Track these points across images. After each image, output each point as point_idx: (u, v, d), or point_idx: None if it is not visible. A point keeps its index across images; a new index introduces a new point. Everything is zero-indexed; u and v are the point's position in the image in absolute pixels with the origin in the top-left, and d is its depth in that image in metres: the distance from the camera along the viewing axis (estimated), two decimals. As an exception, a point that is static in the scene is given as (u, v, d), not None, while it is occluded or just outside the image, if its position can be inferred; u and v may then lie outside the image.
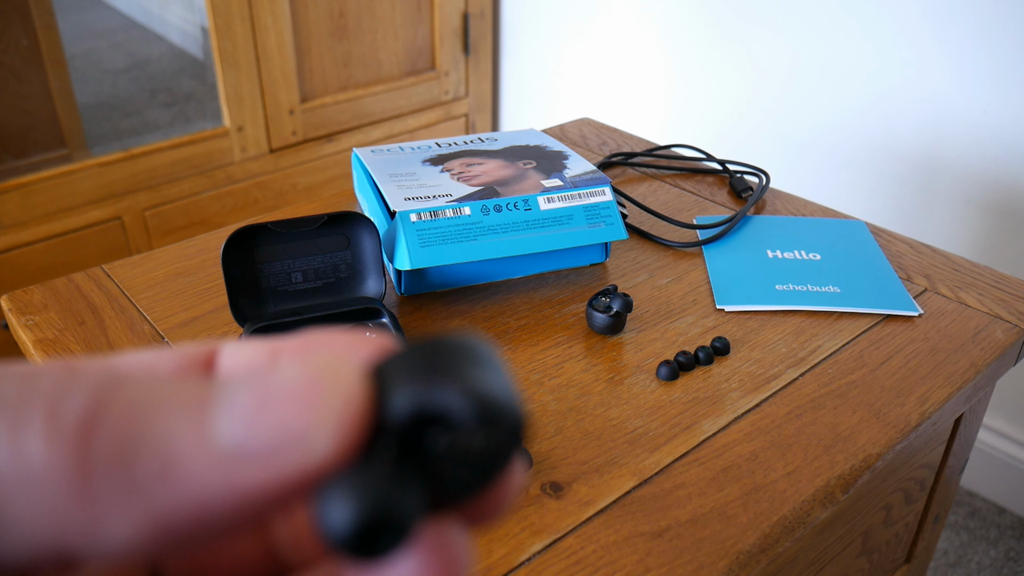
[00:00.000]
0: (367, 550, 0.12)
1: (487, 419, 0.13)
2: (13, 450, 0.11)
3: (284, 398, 0.12)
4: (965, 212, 1.29)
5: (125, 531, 0.11)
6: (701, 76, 1.57)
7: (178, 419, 0.12)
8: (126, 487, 0.11)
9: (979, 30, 1.20)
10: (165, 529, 0.12)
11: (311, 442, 0.12)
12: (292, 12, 1.55)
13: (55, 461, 0.11)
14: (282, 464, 0.12)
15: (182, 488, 0.11)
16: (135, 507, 0.11)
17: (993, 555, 1.30)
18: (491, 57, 1.92)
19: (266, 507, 0.12)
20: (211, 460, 0.12)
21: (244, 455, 0.12)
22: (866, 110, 1.36)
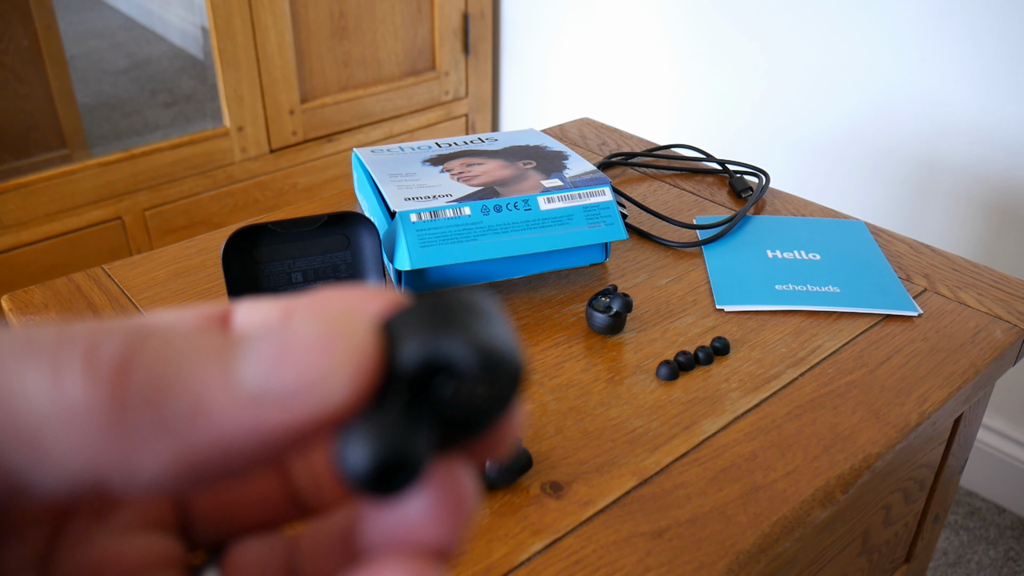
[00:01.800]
0: (383, 488, 0.13)
1: (490, 367, 0.14)
2: (54, 388, 0.12)
3: (302, 347, 0.13)
4: (965, 212, 1.29)
5: (156, 466, 0.12)
6: (701, 76, 1.57)
7: (205, 365, 0.13)
8: (158, 425, 0.12)
9: (979, 30, 1.20)
10: (192, 465, 0.13)
11: (327, 387, 0.13)
12: (292, 12, 1.55)
13: (93, 398, 0.12)
14: (301, 406, 0.13)
15: (210, 427, 0.12)
16: (166, 444, 0.12)
17: (993, 555, 1.30)
18: (491, 57, 1.92)
19: (286, 446, 0.13)
20: (236, 402, 0.13)
21: (266, 398, 0.13)
22: (866, 110, 1.36)
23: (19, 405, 0.12)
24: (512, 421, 0.15)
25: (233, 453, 0.13)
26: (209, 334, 0.13)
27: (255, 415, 0.13)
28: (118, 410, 0.12)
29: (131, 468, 0.12)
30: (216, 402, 0.13)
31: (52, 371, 0.12)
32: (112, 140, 1.60)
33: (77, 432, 0.12)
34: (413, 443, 0.13)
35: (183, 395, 0.12)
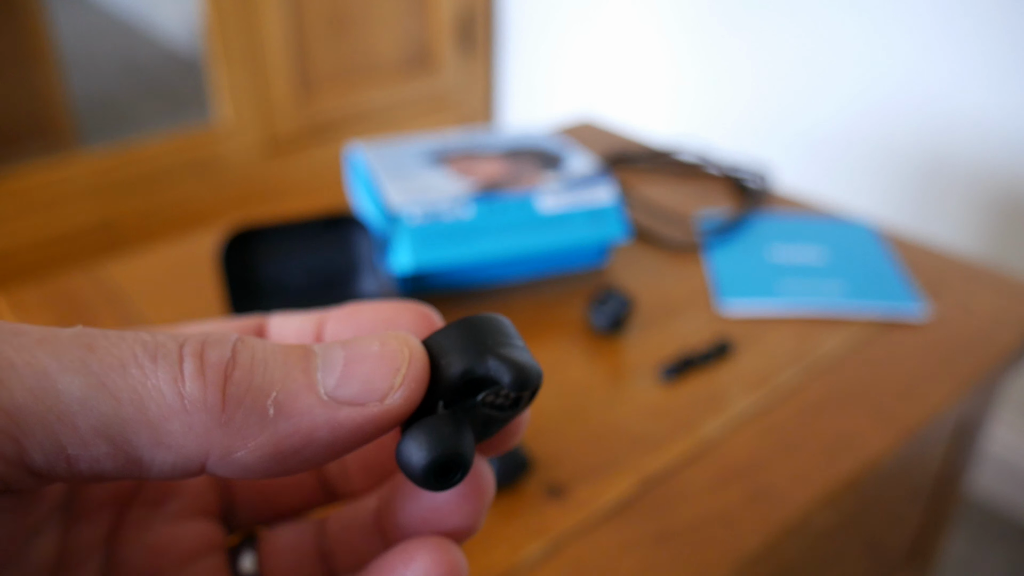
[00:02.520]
0: (442, 483, 0.16)
1: (521, 380, 0.17)
2: (175, 389, 0.15)
3: (369, 362, 0.16)
4: (972, 212, 1.29)
5: (251, 453, 0.15)
6: (704, 72, 1.57)
7: (292, 369, 0.16)
8: (255, 417, 0.15)
9: (987, 20, 1.20)
10: (279, 453, 0.15)
11: (390, 397, 0.16)
12: (290, 10, 1.55)
13: (206, 394, 0.15)
14: (368, 409, 0.16)
15: (297, 421, 0.15)
16: (261, 434, 0.15)
17: (999, 559, 1.30)
18: (491, 53, 1.92)
19: (353, 442, 0.16)
20: (318, 402, 0.15)
21: (341, 400, 0.16)
22: (873, 107, 1.35)
23: (150, 401, 0.15)
24: (524, 420, 0.19)
25: (313, 445, 0.15)
26: (290, 344, 0.16)
27: (333, 414, 0.15)
28: (224, 404, 0.15)
29: (232, 454, 0.15)
30: (302, 401, 0.15)
31: (176, 375, 0.15)
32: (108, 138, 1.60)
33: (193, 424, 0.15)
34: (464, 444, 0.16)
35: (276, 392, 0.15)
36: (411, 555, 0.17)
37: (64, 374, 0.14)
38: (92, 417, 0.14)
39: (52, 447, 0.14)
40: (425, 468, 0.16)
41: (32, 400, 0.14)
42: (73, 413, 0.14)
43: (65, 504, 0.18)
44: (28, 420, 0.14)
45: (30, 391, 0.14)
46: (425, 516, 0.18)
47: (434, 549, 0.17)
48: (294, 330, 0.19)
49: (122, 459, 0.15)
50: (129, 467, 0.15)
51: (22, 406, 0.14)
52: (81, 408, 0.14)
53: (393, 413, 0.16)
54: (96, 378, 0.14)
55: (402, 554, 0.17)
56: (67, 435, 0.14)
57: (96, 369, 0.15)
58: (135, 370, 0.15)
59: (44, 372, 0.14)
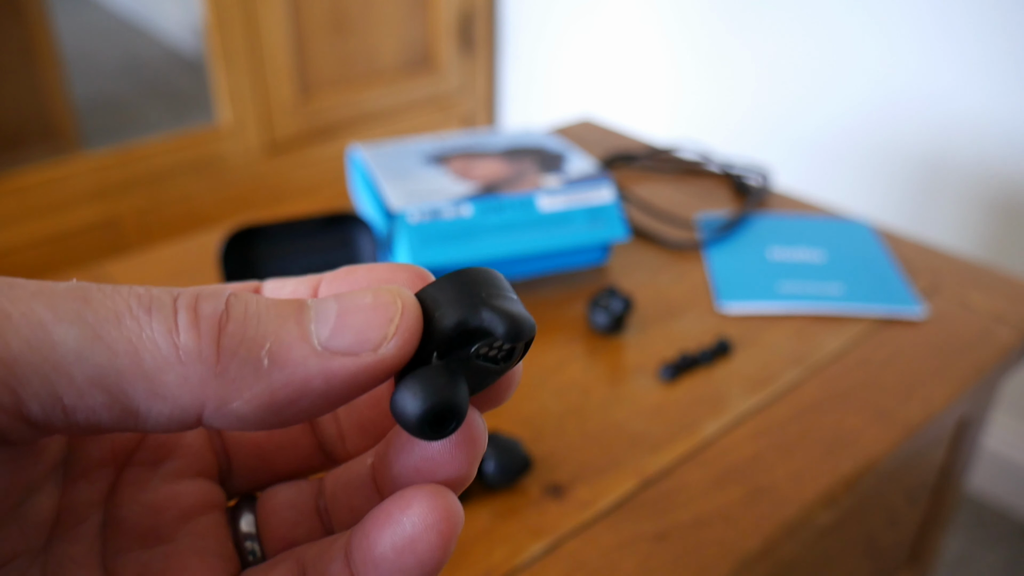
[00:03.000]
0: (436, 432, 0.17)
1: (515, 331, 0.17)
2: (170, 340, 0.15)
3: (362, 313, 0.16)
4: (971, 212, 1.29)
5: (245, 403, 0.15)
6: (704, 72, 1.57)
7: (286, 321, 0.16)
8: (250, 368, 0.15)
9: (988, 28, 1.20)
10: (273, 404, 0.15)
11: (383, 346, 0.16)
12: (291, 10, 1.55)
13: (200, 346, 0.15)
14: (361, 360, 0.16)
15: (291, 372, 0.15)
16: (255, 384, 0.15)
17: (998, 558, 1.30)
18: (491, 54, 1.92)
19: (346, 392, 0.16)
20: (312, 352, 0.16)
21: (335, 351, 0.16)
22: (872, 107, 1.35)
23: (145, 352, 0.15)
24: (517, 374, 0.19)
25: (307, 395, 0.16)
26: (283, 299, 0.16)
27: (326, 364, 0.16)
28: (219, 354, 0.15)
29: (227, 405, 0.15)
30: (296, 351, 0.16)
31: (171, 327, 0.15)
32: (109, 139, 1.60)
33: (188, 375, 0.15)
34: (458, 394, 0.17)
35: (270, 343, 0.15)
36: (408, 502, 0.17)
37: (60, 324, 0.15)
38: (88, 367, 0.15)
39: (48, 397, 0.14)
40: (420, 417, 0.16)
41: (28, 350, 0.14)
42: (69, 363, 0.14)
43: (63, 463, 0.18)
44: (24, 370, 0.14)
45: (26, 341, 0.14)
46: (418, 466, 0.18)
47: (430, 495, 0.17)
48: (289, 292, 0.19)
49: (118, 410, 0.15)
50: (125, 418, 0.15)
51: (18, 356, 0.14)
52: (77, 358, 0.14)
53: (387, 363, 0.16)
54: (91, 329, 0.15)
55: (399, 501, 0.17)
56: (63, 385, 0.14)
57: (91, 320, 0.15)
58: (130, 321, 0.15)
59: (40, 323, 0.14)
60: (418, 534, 0.17)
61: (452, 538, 0.17)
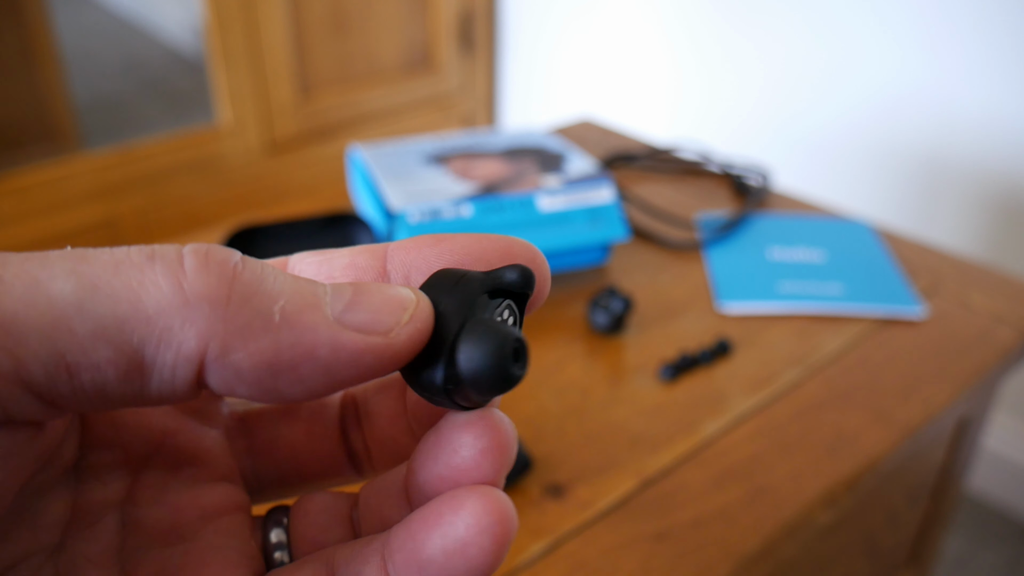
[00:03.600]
0: (516, 370, 0.16)
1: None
2: (175, 284, 0.15)
3: (378, 297, 0.16)
4: (972, 212, 1.29)
5: (249, 355, 0.15)
6: (704, 72, 1.57)
7: (302, 286, 0.16)
8: (260, 320, 0.15)
9: (989, 27, 1.20)
10: (277, 363, 0.15)
11: (394, 331, 0.16)
12: (291, 10, 1.55)
13: (209, 287, 0.15)
14: (371, 340, 0.16)
15: (300, 333, 0.15)
16: (263, 337, 0.15)
17: (998, 558, 1.30)
18: (491, 54, 1.92)
19: (351, 369, 0.16)
20: (324, 320, 0.15)
21: (346, 325, 0.16)
22: (872, 107, 1.35)
23: (147, 296, 0.14)
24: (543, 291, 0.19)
25: (311, 362, 0.15)
26: (298, 276, 0.16)
27: (336, 334, 0.15)
28: (229, 299, 0.15)
29: (229, 354, 0.15)
30: (309, 316, 0.15)
31: (174, 272, 0.15)
32: (109, 139, 1.60)
33: (194, 317, 0.14)
34: (516, 328, 0.17)
35: (284, 303, 0.15)
36: (460, 502, 0.16)
37: (55, 281, 0.14)
38: (88, 319, 0.14)
39: (50, 356, 0.14)
40: (495, 358, 0.16)
41: (24, 307, 0.14)
42: (68, 317, 0.14)
43: (74, 467, 0.18)
44: (22, 329, 0.14)
45: (20, 299, 0.14)
46: (444, 475, 0.17)
47: (484, 496, 0.16)
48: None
49: (124, 363, 0.14)
50: (131, 372, 0.15)
51: (14, 314, 0.14)
52: (76, 312, 0.14)
53: (395, 348, 0.16)
54: (89, 280, 0.14)
55: (450, 501, 0.16)
56: (64, 340, 0.14)
57: (88, 273, 0.14)
58: (130, 269, 0.15)
59: (34, 281, 0.14)
60: (471, 537, 0.16)
61: (506, 544, 0.16)
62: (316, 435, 0.21)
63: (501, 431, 0.17)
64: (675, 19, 1.57)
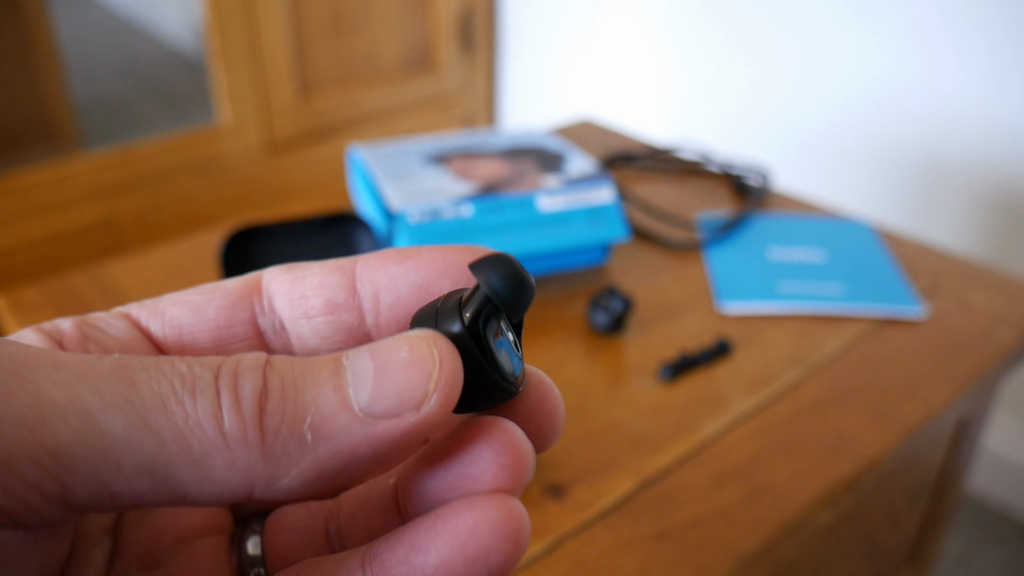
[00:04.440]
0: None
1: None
2: (215, 423, 0.15)
3: (400, 372, 0.16)
4: (971, 211, 1.29)
5: (294, 478, 0.15)
6: (705, 72, 1.57)
7: (323, 388, 0.15)
8: (295, 445, 0.15)
9: (987, 27, 1.20)
10: (322, 475, 0.15)
11: (425, 405, 0.16)
12: (291, 10, 1.55)
13: (245, 429, 0.15)
14: (404, 421, 0.15)
15: (335, 442, 0.15)
16: (302, 460, 0.15)
17: (998, 558, 1.30)
18: (491, 54, 1.92)
19: (395, 452, 0.16)
20: (354, 420, 0.15)
21: (376, 415, 0.15)
22: (872, 107, 1.35)
23: (192, 437, 0.15)
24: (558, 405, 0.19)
25: (355, 462, 0.15)
26: (318, 360, 0.16)
27: (370, 430, 0.15)
28: (262, 436, 0.15)
29: (275, 483, 0.15)
30: (338, 421, 0.15)
31: (215, 411, 0.15)
32: (109, 138, 1.60)
33: (236, 459, 0.15)
34: None
35: (311, 416, 0.15)
36: (480, 510, 0.16)
37: (107, 412, 0.14)
38: (136, 455, 0.14)
39: (96, 485, 0.14)
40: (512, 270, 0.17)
41: (76, 440, 0.14)
42: (118, 452, 0.14)
43: None
44: (72, 460, 0.14)
45: (74, 431, 0.14)
46: (456, 484, 0.17)
47: (502, 502, 0.16)
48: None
49: (166, 493, 0.15)
50: (173, 500, 0.15)
51: (66, 446, 0.14)
52: (125, 447, 0.14)
53: (431, 420, 0.16)
54: (139, 416, 0.15)
55: (467, 508, 0.16)
56: (111, 473, 0.14)
57: (139, 407, 0.15)
58: (176, 407, 0.15)
59: (87, 411, 0.14)
60: (495, 545, 0.16)
61: (521, 555, 0.16)
62: None
63: (517, 445, 0.17)
64: (675, 19, 1.57)
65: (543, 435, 0.19)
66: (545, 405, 0.19)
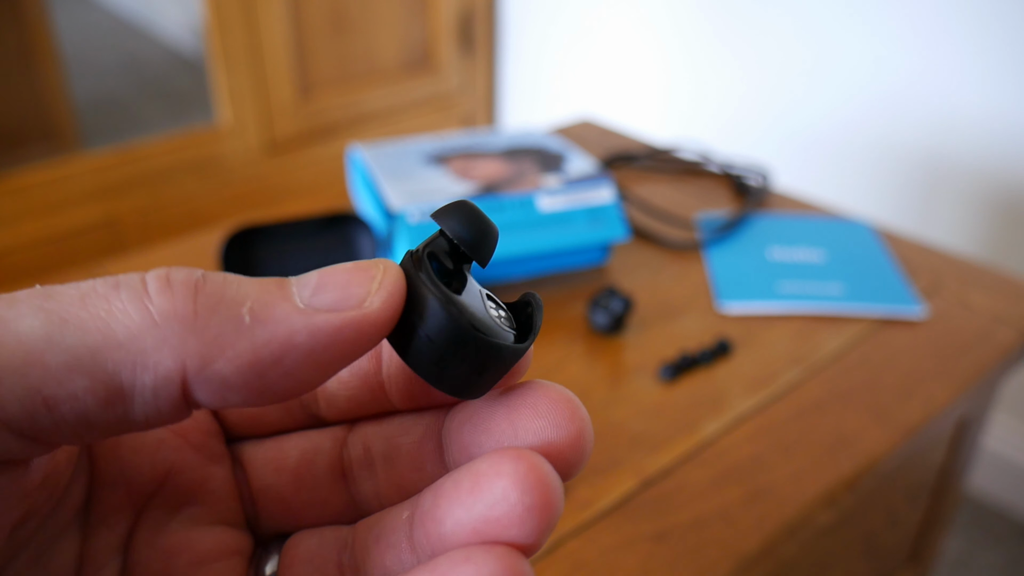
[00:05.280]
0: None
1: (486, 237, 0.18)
2: (142, 307, 0.15)
3: (343, 274, 0.16)
4: (971, 211, 1.29)
5: (228, 361, 0.15)
6: (705, 72, 1.57)
7: (266, 284, 0.16)
8: (231, 325, 0.15)
9: (987, 26, 1.20)
10: (258, 362, 0.15)
11: (367, 301, 0.16)
12: (291, 10, 1.55)
13: (176, 304, 0.15)
14: (345, 315, 0.15)
15: (274, 327, 0.15)
16: (237, 342, 0.15)
17: (998, 558, 1.30)
18: (491, 54, 1.92)
19: (334, 349, 0.15)
20: (295, 309, 0.15)
21: (318, 308, 0.15)
22: (869, 107, 1.35)
23: (116, 323, 0.14)
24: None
25: (293, 352, 0.15)
26: None
27: (310, 318, 0.15)
28: (196, 312, 0.15)
29: (209, 365, 0.15)
30: (278, 309, 0.15)
31: (139, 296, 0.15)
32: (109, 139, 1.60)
33: (166, 336, 0.14)
34: None
35: (251, 303, 0.15)
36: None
37: (23, 319, 0.14)
38: (60, 352, 0.14)
39: (24, 391, 0.14)
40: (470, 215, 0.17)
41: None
42: (39, 351, 0.14)
43: (83, 510, 0.18)
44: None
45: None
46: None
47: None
48: None
49: (102, 391, 0.14)
50: (112, 399, 0.15)
51: None
52: (47, 345, 0.14)
53: (371, 318, 0.16)
54: (56, 315, 0.14)
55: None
56: (38, 375, 0.14)
57: (55, 308, 0.14)
58: (97, 300, 0.15)
59: (1, 321, 0.14)
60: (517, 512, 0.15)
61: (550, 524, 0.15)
62: (307, 483, 0.20)
63: (547, 484, 0.15)
64: (676, 19, 1.57)
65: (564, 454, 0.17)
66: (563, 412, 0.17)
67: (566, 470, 0.17)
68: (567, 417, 0.17)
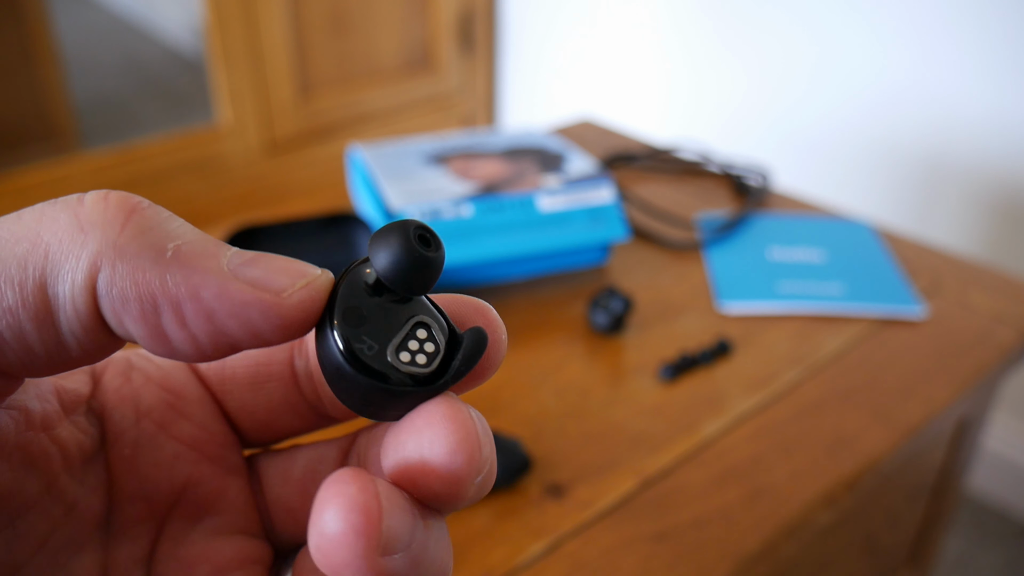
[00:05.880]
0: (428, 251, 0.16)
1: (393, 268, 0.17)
2: (71, 215, 0.15)
3: (278, 261, 0.16)
4: (972, 211, 1.29)
5: (134, 283, 0.15)
6: (705, 72, 1.57)
7: (205, 238, 0.16)
8: (152, 252, 0.15)
9: (987, 26, 1.20)
10: (160, 297, 0.15)
11: (286, 292, 0.16)
12: (291, 10, 1.55)
13: (105, 217, 0.15)
14: (259, 294, 0.15)
15: (189, 272, 0.15)
16: (151, 269, 0.15)
17: (998, 558, 1.30)
18: (491, 54, 1.92)
19: (236, 319, 0.15)
20: (217, 267, 0.15)
21: (238, 277, 0.15)
22: (872, 107, 1.35)
23: (45, 230, 0.15)
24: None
25: (194, 302, 0.15)
26: None
27: (225, 281, 0.15)
28: (124, 228, 0.15)
29: (116, 286, 0.15)
30: (202, 261, 0.15)
31: (75, 205, 0.15)
32: (108, 138, 1.60)
33: (86, 243, 0.15)
34: None
35: (181, 244, 0.15)
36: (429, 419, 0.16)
37: None
38: None
39: None
40: (401, 239, 0.16)
41: None
42: None
43: (104, 523, 0.18)
44: None
45: None
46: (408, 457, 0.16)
47: (348, 477, 0.15)
48: None
49: (32, 304, 0.15)
50: (41, 313, 0.15)
51: None
52: None
53: (281, 310, 0.15)
54: None
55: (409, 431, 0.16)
56: None
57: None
58: (31, 213, 0.15)
59: None
60: None
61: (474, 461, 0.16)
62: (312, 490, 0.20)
63: (461, 413, 0.16)
64: (676, 19, 1.57)
65: None
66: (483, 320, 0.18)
67: (447, 487, 0.16)
68: (443, 434, 0.16)
